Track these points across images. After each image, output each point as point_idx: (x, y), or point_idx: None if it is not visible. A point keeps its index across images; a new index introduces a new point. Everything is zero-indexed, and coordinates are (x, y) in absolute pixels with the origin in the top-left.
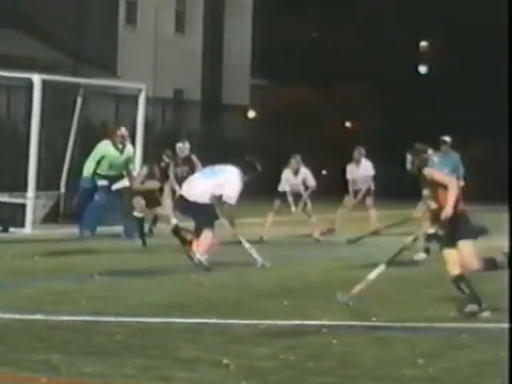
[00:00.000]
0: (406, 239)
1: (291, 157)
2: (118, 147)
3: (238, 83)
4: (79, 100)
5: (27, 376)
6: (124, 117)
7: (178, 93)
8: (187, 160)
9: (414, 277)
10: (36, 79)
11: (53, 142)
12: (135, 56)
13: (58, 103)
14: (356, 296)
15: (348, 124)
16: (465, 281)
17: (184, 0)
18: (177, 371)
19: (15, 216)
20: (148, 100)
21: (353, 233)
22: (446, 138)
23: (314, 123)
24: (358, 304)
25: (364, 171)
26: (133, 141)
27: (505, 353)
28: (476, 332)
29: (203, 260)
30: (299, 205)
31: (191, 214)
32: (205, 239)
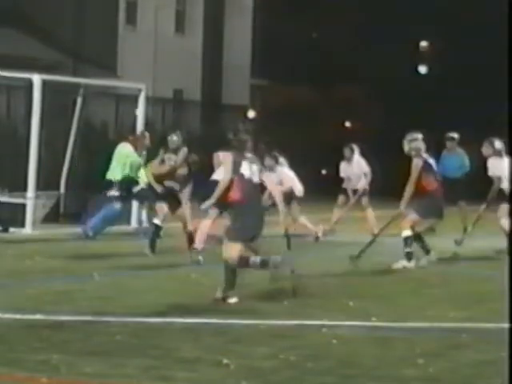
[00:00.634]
0: None
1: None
2: (138, 151)
3: (238, 83)
4: (79, 100)
5: (27, 376)
6: (124, 117)
7: (178, 93)
8: (175, 150)
9: (414, 277)
10: (36, 79)
11: (53, 142)
12: (135, 56)
13: (58, 103)
14: None
15: (348, 124)
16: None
17: (184, 0)
18: (177, 371)
19: (15, 216)
20: (148, 100)
21: (353, 233)
22: (454, 135)
23: (314, 123)
24: (358, 304)
25: (357, 169)
26: None
27: (505, 353)
28: (476, 332)
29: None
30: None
31: None
32: None
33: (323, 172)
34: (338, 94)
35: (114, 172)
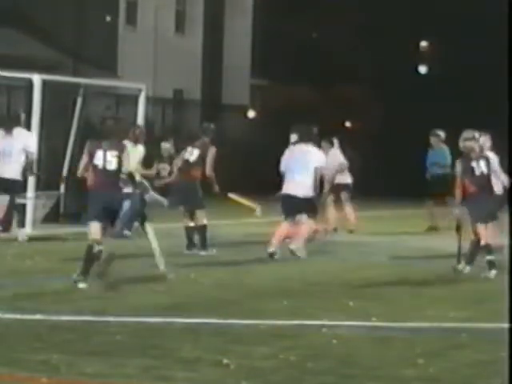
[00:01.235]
0: None
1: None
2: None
3: (238, 83)
4: (79, 100)
5: (27, 376)
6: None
7: (178, 93)
8: (169, 159)
9: (414, 277)
10: (36, 79)
11: (53, 142)
12: (135, 56)
13: (58, 103)
14: None
15: (348, 124)
16: None
17: (184, 0)
18: (177, 371)
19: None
20: (148, 100)
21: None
22: (439, 132)
23: (314, 123)
24: (358, 304)
25: (332, 160)
26: None
27: (505, 353)
28: (476, 332)
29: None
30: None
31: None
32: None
33: None
34: (338, 94)
35: (138, 170)
